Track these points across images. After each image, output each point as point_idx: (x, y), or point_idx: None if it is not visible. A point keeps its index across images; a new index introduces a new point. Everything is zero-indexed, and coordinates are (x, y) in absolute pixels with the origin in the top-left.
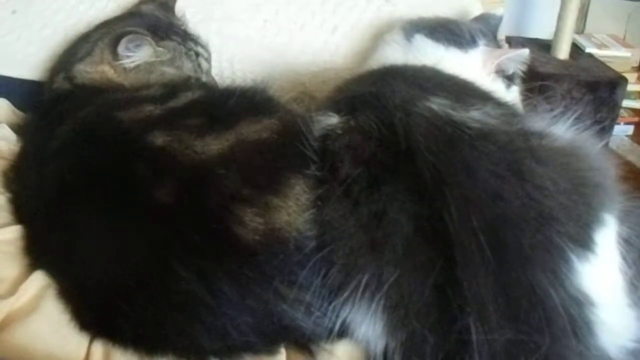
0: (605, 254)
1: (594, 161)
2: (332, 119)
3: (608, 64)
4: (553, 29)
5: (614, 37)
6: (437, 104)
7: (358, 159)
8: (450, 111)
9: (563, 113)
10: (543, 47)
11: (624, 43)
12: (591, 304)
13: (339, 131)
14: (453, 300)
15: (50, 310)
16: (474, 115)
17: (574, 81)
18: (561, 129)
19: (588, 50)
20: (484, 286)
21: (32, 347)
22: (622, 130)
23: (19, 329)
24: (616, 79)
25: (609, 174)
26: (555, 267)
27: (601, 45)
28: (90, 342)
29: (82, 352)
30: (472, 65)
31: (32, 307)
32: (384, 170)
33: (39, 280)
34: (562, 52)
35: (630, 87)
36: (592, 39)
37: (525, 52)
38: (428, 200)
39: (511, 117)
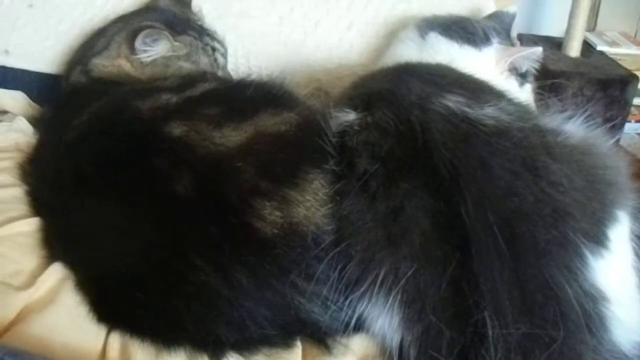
0: (619, 250)
1: (607, 159)
2: (350, 116)
3: (619, 62)
4: (564, 27)
5: (625, 35)
6: (452, 101)
7: (375, 155)
8: (466, 108)
9: (575, 112)
10: (554, 44)
11: (634, 41)
12: (605, 299)
13: (356, 127)
14: (469, 294)
15: (68, 302)
16: (489, 112)
17: (585, 79)
18: (574, 127)
19: (599, 48)
20: (500, 281)
21: (49, 338)
22: (633, 128)
23: (37, 320)
24: (627, 77)
25: (621, 171)
26: (570, 263)
27: (612, 43)
28: (108, 333)
29: (100, 343)
30: (486, 63)
31: (50, 299)
32: (401, 166)
33: (57, 272)
34: (574, 49)
35: None
36: (604, 36)
37: (538, 50)
38: (445, 196)
39: (526, 115)
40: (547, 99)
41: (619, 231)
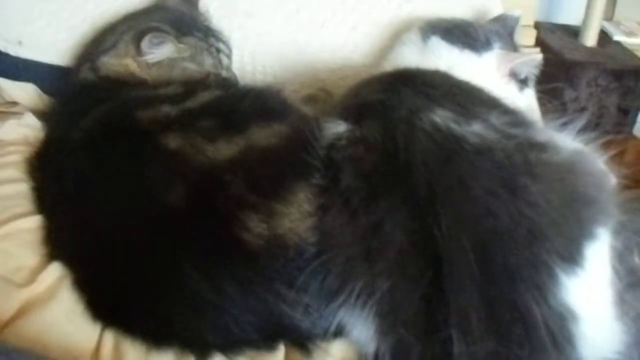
0: (595, 268)
1: (592, 177)
2: (340, 127)
3: (636, 52)
4: (582, 16)
5: None
6: (440, 117)
7: (359, 171)
8: (453, 124)
9: (570, 121)
10: (571, 33)
11: None
12: (574, 317)
13: (343, 142)
14: (438, 311)
15: (65, 300)
16: (475, 129)
17: (600, 69)
18: (565, 139)
19: (616, 37)
20: (469, 300)
21: (47, 334)
22: None
23: (36, 316)
24: None
25: (606, 188)
26: (541, 283)
27: (630, 33)
28: (102, 331)
29: (94, 340)
30: (486, 69)
31: (48, 296)
32: (383, 183)
33: (56, 270)
34: (590, 39)
35: None
36: (621, 26)
37: (538, 57)
38: (421, 216)
39: (515, 127)
40: (561, 89)
41: (597, 248)
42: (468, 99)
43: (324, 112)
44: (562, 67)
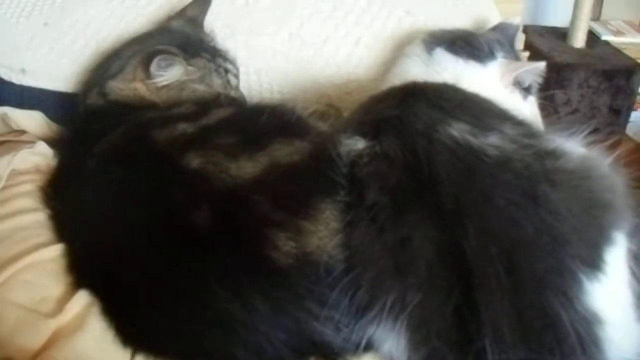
0: (615, 272)
1: (605, 181)
2: (359, 144)
3: (624, 51)
4: (569, 17)
5: (630, 24)
6: (457, 130)
7: (384, 186)
8: (470, 137)
9: (577, 130)
10: (560, 35)
11: (639, 29)
12: (600, 321)
13: (365, 158)
14: (471, 322)
15: (95, 328)
16: (492, 141)
17: (590, 70)
18: (573, 146)
19: (604, 37)
20: (500, 309)
21: None
22: (638, 117)
23: (66, 346)
24: (632, 66)
25: (619, 192)
26: (567, 289)
27: (617, 32)
28: (132, 356)
29: None
30: (491, 78)
31: (77, 325)
32: (408, 198)
33: (83, 298)
34: (579, 40)
35: None
36: (608, 25)
37: (541, 65)
38: (448, 229)
39: (528, 137)
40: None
41: (616, 253)
42: (480, 111)
43: (336, 128)
44: (552, 70)
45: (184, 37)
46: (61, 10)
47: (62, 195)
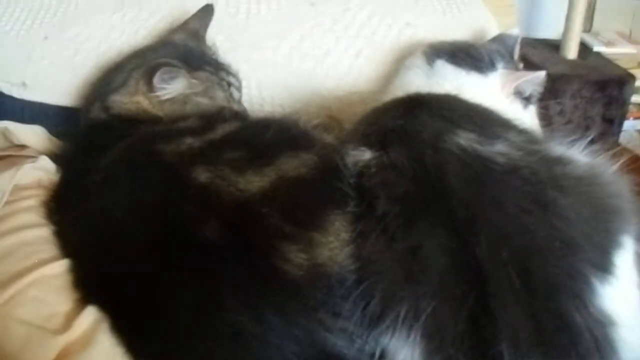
0: (625, 275)
1: (612, 186)
2: (366, 154)
3: (616, 61)
4: (561, 29)
5: (621, 34)
6: (464, 139)
7: (393, 196)
8: (477, 146)
9: (579, 138)
10: (552, 47)
11: (630, 39)
12: (613, 323)
13: (373, 169)
14: (486, 328)
15: (104, 344)
16: (499, 149)
17: (583, 81)
18: (578, 153)
19: (596, 48)
20: (515, 314)
21: None
22: (631, 126)
23: None
24: (624, 76)
25: (625, 197)
26: (579, 292)
27: (608, 43)
28: None
29: None
30: (492, 89)
31: (86, 341)
32: (418, 207)
33: (91, 314)
34: (571, 52)
35: (638, 83)
36: (599, 37)
37: (541, 74)
38: (460, 237)
39: (534, 144)
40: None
41: (625, 256)
42: (485, 120)
43: (341, 140)
44: (546, 82)
45: (186, 50)
46: (61, 24)
47: (66, 210)
